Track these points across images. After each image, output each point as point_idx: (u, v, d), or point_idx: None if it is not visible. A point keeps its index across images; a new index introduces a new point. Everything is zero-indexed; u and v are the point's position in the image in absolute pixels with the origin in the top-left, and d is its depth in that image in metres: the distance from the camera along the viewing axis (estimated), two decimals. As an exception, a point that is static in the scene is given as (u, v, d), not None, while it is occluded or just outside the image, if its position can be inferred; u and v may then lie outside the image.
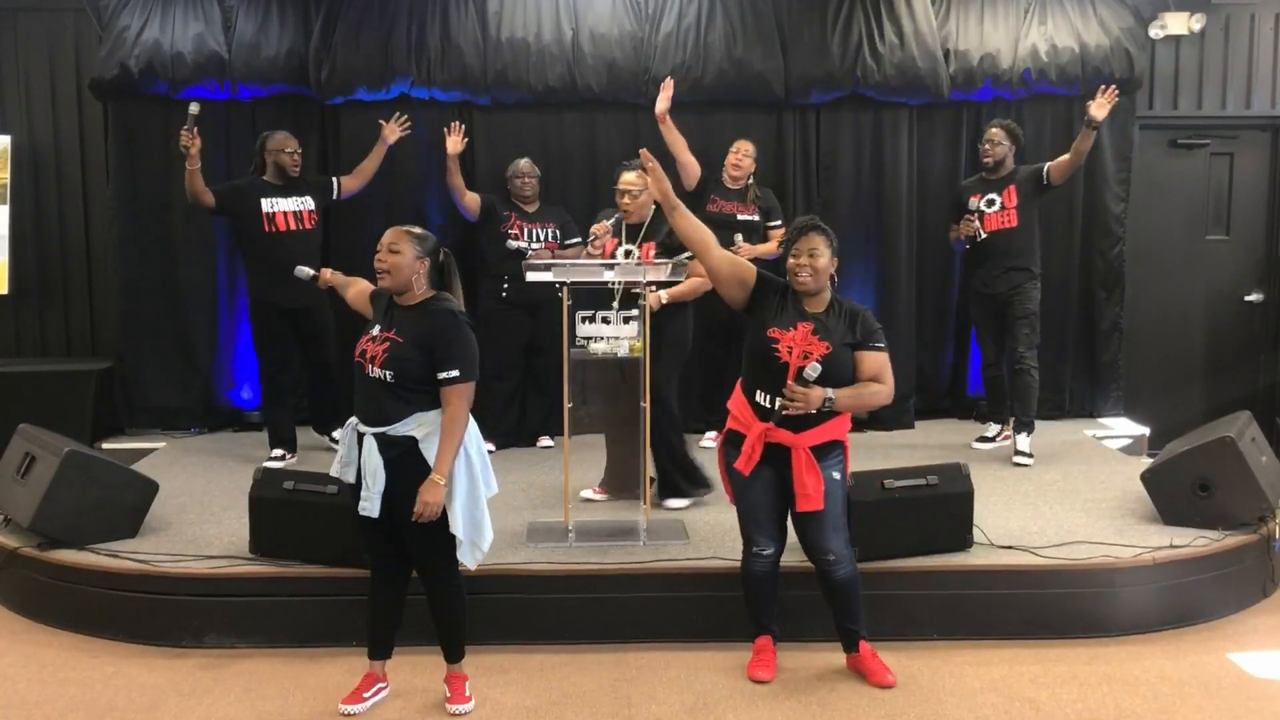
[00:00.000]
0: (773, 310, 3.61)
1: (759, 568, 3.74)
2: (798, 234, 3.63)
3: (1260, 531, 4.47)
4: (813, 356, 3.49)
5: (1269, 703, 3.64)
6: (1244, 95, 6.83)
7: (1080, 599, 4.14)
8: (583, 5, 6.30)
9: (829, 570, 3.68)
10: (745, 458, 3.56)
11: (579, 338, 4.45)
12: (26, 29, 6.66)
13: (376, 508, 3.37)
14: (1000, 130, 5.81)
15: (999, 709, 3.59)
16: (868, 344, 3.60)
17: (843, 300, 3.68)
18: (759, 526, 3.71)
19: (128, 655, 4.03)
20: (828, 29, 6.34)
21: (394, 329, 3.40)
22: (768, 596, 3.81)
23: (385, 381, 3.35)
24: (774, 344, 3.54)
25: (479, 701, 3.61)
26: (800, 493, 3.54)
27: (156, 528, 4.57)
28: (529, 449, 6.07)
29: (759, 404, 3.59)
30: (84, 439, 5.58)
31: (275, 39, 6.26)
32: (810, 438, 3.54)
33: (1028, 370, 5.70)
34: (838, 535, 3.66)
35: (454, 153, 5.89)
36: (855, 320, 3.62)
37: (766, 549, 3.71)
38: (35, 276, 6.74)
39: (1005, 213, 5.76)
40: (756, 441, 3.55)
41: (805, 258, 3.57)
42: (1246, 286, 7.06)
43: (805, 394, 3.46)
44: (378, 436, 3.37)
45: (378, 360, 3.36)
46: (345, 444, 3.48)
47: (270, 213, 5.59)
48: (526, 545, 4.37)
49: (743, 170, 5.94)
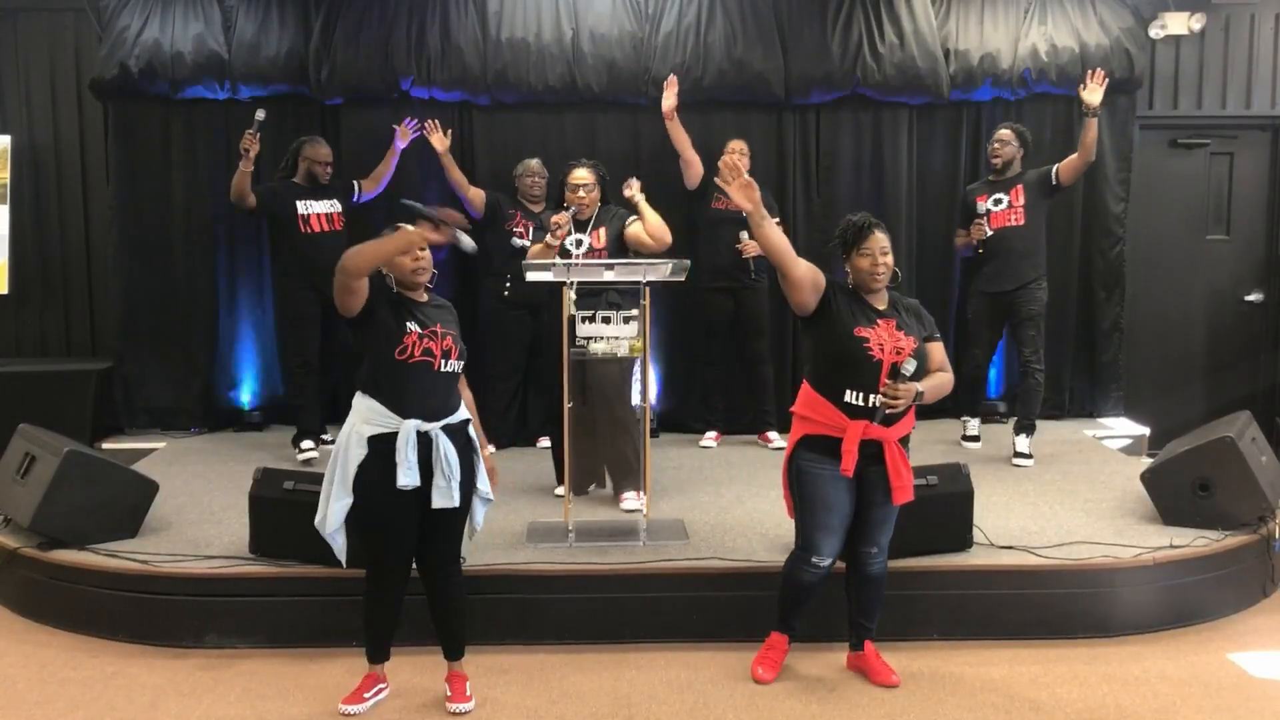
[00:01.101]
0: (849, 311, 3.55)
1: (812, 578, 3.64)
2: (863, 233, 3.57)
3: (1260, 531, 4.47)
4: (905, 352, 3.49)
5: (1269, 703, 3.64)
6: (1244, 95, 6.83)
7: (1080, 599, 4.14)
8: (583, 5, 6.30)
9: (868, 563, 3.68)
10: (850, 458, 3.47)
11: (579, 338, 4.45)
12: (26, 29, 6.67)
13: (458, 496, 3.44)
14: (1010, 131, 5.82)
15: (999, 709, 3.59)
16: (934, 336, 3.67)
17: (897, 295, 3.69)
18: (830, 534, 3.58)
19: (128, 655, 4.03)
20: (828, 29, 6.34)
21: (437, 324, 3.48)
22: (807, 603, 3.75)
23: (455, 374, 3.50)
24: (864, 343, 3.49)
25: (479, 701, 3.61)
26: (897, 485, 3.51)
27: (156, 528, 4.57)
28: (529, 449, 6.07)
29: (851, 404, 3.50)
30: (84, 439, 5.58)
31: (275, 39, 6.27)
32: (898, 430, 3.55)
33: (1033, 374, 5.71)
34: (890, 530, 3.68)
35: (442, 150, 5.99)
36: (920, 314, 3.68)
37: (826, 559, 3.61)
38: (35, 276, 6.74)
39: (1012, 210, 5.74)
40: (857, 441, 3.47)
41: (880, 256, 3.55)
42: (1246, 286, 7.06)
43: (908, 390, 3.45)
44: (444, 428, 3.43)
45: (453, 353, 3.46)
46: (408, 448, 3.35)
47: (305, 214, 5.78)
48: (526, 545, 4.37)
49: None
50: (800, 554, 3.64)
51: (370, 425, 3.39)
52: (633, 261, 4.54)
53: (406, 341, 3.38)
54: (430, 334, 3.44)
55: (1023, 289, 5.72)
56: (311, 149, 5.85)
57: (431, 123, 6.05)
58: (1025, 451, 5.67)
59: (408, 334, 3.39)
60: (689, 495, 5.10)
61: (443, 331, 3.47)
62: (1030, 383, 5.71)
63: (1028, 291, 5.72)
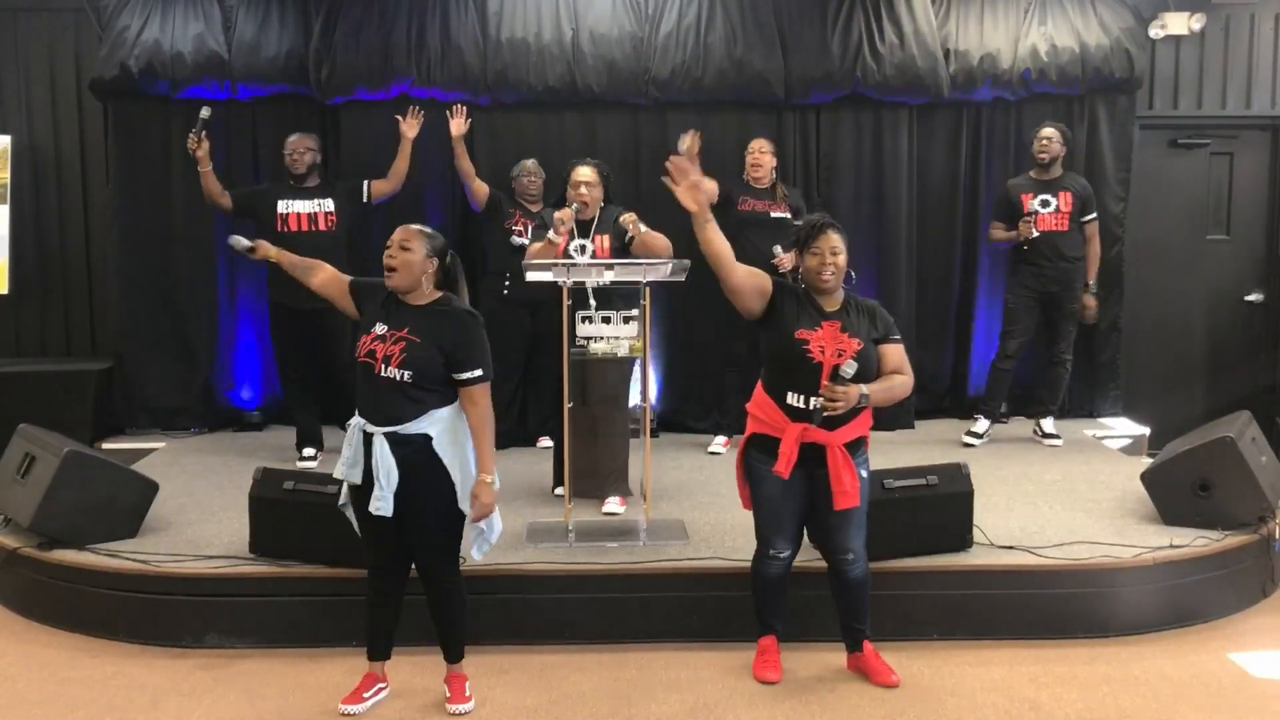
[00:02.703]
0: (793, 313, 3.58)
1: (774, 570, 3.71)
2: (815, 233, 3.59)
3: (1260, 531, 4.47)
4: (846, 354, 3.48)
5: (1269, 703, 3.64)
6: (1244, 95, 6.82)
7: (1080, 599, 4.13)
8: (583, 5, 6.29)
9: (845, 568, 3.67)
10: (785, 460, 3.49)
11: (579, 338, 4.45)
12: (26, 29, 6.66)
13: (390, 507, 3.36)
14: (1056, 130, 5.96)
15: (999, 709, 3.59)
16: (889, 337, 3.64)
17: (855, 296, 3.68)
18: (780, 529, 3.67)
19: (128, 655, 4.03)
20: (828, 29, 6.34)
21: (406, 328, 3.38)
22: (777, 597, 3.80)
23: (399, 381, 3.34)
24: (804, 345, 3.51)
25: (479, 701, 3.61)
26: (838, 490, 3.52)
27: (156, 528, 4.57)
28: (529, 449, 6.07)
29: (792, 405, 3.54)
30: (84, 439, 5.57)
31: (275, 39, 6.26)
32: (843, 435, 3.54)
33: (1064, 364, 6.04)
34: (859, 533, 3.67)
35: (458, 134, 5.92)
36: (874, 315, 3.66)
37: (784, 551, 3.69)
38: (35, 276, 6.74)
39: (1059, 215, 5.90)
40: (794, 443, 3.50)
41: (828, 256, 3.56)
42: (1246, 286, 7.05)
43: (845, 392, 3.44)
44: (389, 436, 3.36)
45: (394, 360, 3.34)
46: (351, 444, 3.43)
47: (284, 213, 5.68)
48: (526, 545, 4.37)
49: (764, 169, 5.88)
50: (759, 550, 3.73)
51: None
52: (633, 261, 4.54)
53: (361, 340, 3.42)
54: (386, 336, 3.38)
55: (1067, 288, 5.94)
56: (286, 142, 5.78)
57: (458, 107, 5.98)
58: (1053, 432, 6.01)
59: (367, 333, 3.42)
60: (689, 495, 5.10)
61: (400, 337, 3.36)
62: (1060, 371, 6.03)
63: (1072, 290, 5.95)
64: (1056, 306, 5.96)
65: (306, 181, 5.77)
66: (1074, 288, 5.94)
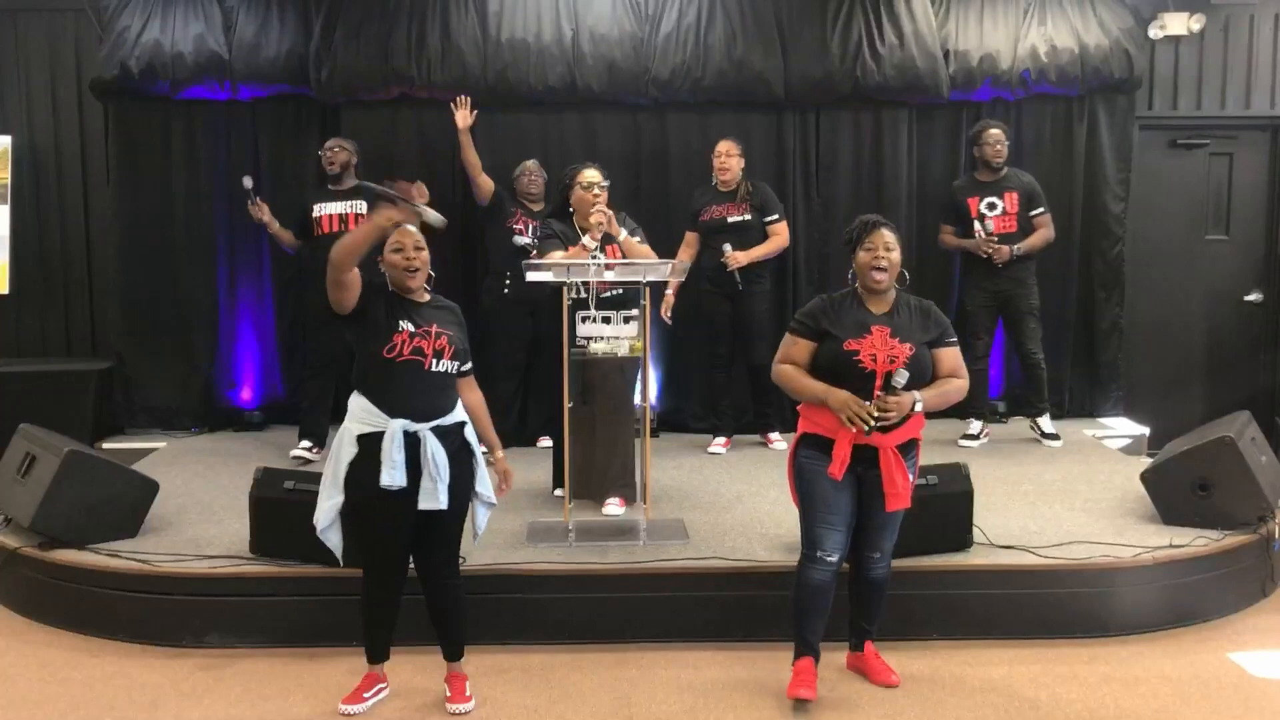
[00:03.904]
0: (842, 326, 3.47)
1: (819, 577, 3.51)
2: (867, 230, 3.51)
3: (1260, 531, 4.47)
4: (899, 361, 3.39)
5: (1269, 703, 3.64)
6: (1243, 95, 6.82)
7: (1080, 599, 4.14)
8: (583, 5, 6.30)
9: (871, 567, 3.64)
10: (839, 463, 3.40)
11: (579, 338, 4.45)
12: (26, 29, 6.66)
13: (446, 499, 3.41)
14: (1001, 131, 5.98)
15: (999, 709, 3.59)
16: (944, 340, 3.55)
17: (908, 296, 3.59)
18: (833, 529, 3.48)
19: (128, 655, 4.03)
20: (828, 29, 6.34)
21: (434, 324, 3.46)
22: (821, 611, 3.58)
23: (449, 374, 3.47)
24: (854, 355, 3.41)
25: (479, 701, 3.61)
26: (890, 491, 3.44)
27: (156, 528, 4.58)
28: (529, 449, 6.07)
29: None
30: (84, 439, 5.57)
31: (275, 39, 6.27)
32: (896, 437, 3.45)
33: (1038, 364, 6.02)
34: (894, 535, 3.63)
35: (464, 127, 5.92)
36: (928, 316, 3.56)
37: (832, 554, 3.49)
38: (35, 276, 6.74)
39: (1006, 218, 5.95)
40: (848, 445, 3.40)
41: (881, 251, 3.46)
42: (1246, 286, 7.05)
43: (898, 402, 3.34)
44: (435, 429, 3.41)
45: (446, 353, 3.44)
46: (393, 448, 3.35)
47: (318, 216, 5.74)
48: (526, 545, 4.37)
49: (731, 171, 5.81)
50: (806, 552, 3.55)
51: (360, 424, 3.41)
52: (633, 261, 4.54)
53: (396, 340, 3.39)
54: (423, 333, 3.43)
55: (1020, 285, 5.94)
56: (325, 144, 5.87)
57: (462, 99, 5.97)
58: (1053, 432, 5.98)
59: (398, 332, 3.40)
60: (689, 495, 5.10)
61: (437, 331, 3.45)
62: (1036, 372, 6.04)
63: (1025, 286, 5.95)
64: (1014, 307, 5.97)
65: (341, 183, 5.80)
66: (1027, 283, 5.95)
